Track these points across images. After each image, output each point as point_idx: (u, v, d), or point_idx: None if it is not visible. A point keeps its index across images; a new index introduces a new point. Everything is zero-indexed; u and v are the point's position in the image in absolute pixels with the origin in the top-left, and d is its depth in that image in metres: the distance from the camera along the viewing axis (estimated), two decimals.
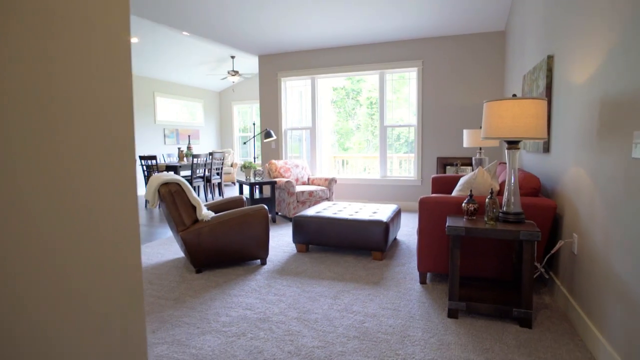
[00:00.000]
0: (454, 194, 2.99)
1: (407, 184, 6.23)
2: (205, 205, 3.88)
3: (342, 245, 3.73)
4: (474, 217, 2.52)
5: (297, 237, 3.91)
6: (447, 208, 2.78)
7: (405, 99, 6.52)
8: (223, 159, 8.02)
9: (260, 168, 5.70)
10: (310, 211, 4.04)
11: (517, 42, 4.47)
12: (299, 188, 5.55)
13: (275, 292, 2.90)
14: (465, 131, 4.78)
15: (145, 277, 3.30)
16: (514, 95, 2.29)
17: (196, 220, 3.36)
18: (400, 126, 6.41)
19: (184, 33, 6.30)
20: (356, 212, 4.04)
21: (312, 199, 5.50)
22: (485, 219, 2.40)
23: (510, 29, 4.99)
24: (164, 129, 9.45)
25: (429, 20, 5.17)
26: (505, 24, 5.32)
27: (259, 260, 3.65)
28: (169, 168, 6.97)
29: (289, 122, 7.10)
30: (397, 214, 4.12)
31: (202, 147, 10.87)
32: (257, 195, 5.58)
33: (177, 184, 3.24)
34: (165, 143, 9.49)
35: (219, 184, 8.07)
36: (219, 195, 8.19)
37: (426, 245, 2.90)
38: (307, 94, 6.88)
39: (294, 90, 7.01)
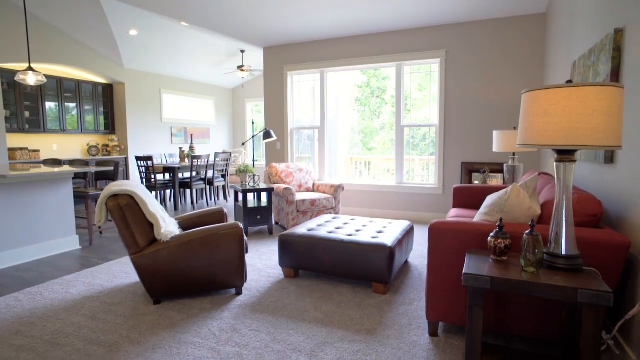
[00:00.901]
0: (478, 218, 2.23)
1: (426, 193, 5.44)
2: (177, 219, 3.27)
3: (337, 272, 3.02)
4: (505, 258, 1.77)
5: (284, 259, 3.23)
6: (467, 238, 2.03)
7: (433, 96, 5.73)
8: (228, 160, 7.46)
9: (254, 173, 5.07)
10: (301, 228, 3.35)
11: (564, 23, 3.62)
12: (300, 196, 4.88)
13: (238, 341, 2.24)
14: (495, 133, 3.97)
15: (92, 308, 2.71)
16: (569, 81, 1.53)
17: (155, 241, 2.74)
18: (419, 126, 5.62)
19: (183, 24, 5.75)
20: (358, 230, 3.32)
21: (315, 208, 4.81)
22: (522, 262, 1.65)
23: (555, 9, 4.13)
24: (171, 128, 9.00)
25: (453, 3, 4.37)
26: (546, 4, 4.45)
27: (233, 290, 3.00)
28: (166, 170, 6.46)
29: (297, 121, 6.43)
30: (408, 233, 3.37)
31: (213, 146, 10.38)
32: (254, 203, 4.95)
33: (129, 196, 2.63)
34: (172, 142, 9.04)
35: (224, 187, 7.51)
36: (224, 199, 7.63)
37: (438, 286, 2.16)
38: (316, 89, 6.19)
39: (303, 86, 6.34)
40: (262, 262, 3.70)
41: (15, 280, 3.33)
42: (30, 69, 3.90)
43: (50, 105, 6.81)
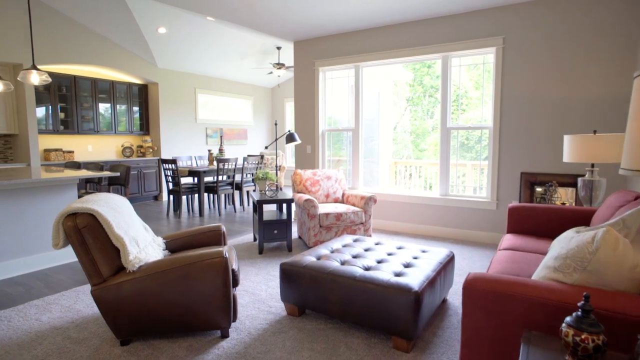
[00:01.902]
0: (543, 273, 1.47)
1: (476, 207, 4.58)
2: (165, 239, 2.79)
3: (347, 317, 2.36)
4: None
5: (286, 294, 2.63)
6: (522, 309, 1.30)
7: (487, 92, 4.86)
8: (260, 163, 7.01)
9: (274, 180, 4.52)
10: (310, 255, 2.73)
11: None
12: (324, 208, 4.25)
13: None
14: (567, 138, 3.08)
15: (50, 345, 2.28)
16: None
17: (123, 269, 2.26)
18: (468, 128, 4.75)
19: (209, 18, 5.34)
20: (381, 260, 2.63)
21: (341, 224, 4.16)
22: None
23: None
24: (206, 129, 8.76)
25: None
26: None
27: (218, 332, 2.44)
28: (191, 173, 6.12)
29: (330, 122, 5.81)
30: (445, 266, 2.63)
31: (250, 148, 10.05)
32: (277, 214, 4.41)
33: (90, 216, 2.16)
34: (206, 143, 8.80)
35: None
36: (248, 204, 7.20)
37: None
38: (350, 87, 5.52)
39: (337, 83, 5.70)
40: (269, 289, 3.12)
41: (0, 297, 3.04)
42: (34, 67, 3.63)
43: (84, 106, 6.75)
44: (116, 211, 2.33)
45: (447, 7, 4.31)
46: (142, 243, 2.39)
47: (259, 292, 3.06)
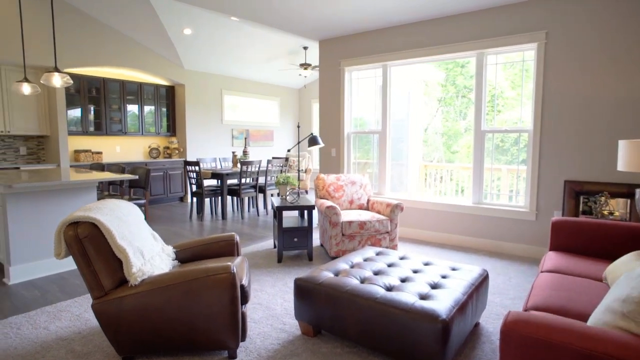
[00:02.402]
0: (601, 318, 1.19)
1: (513, 217, 4.21)
2: (175, 248, 2.65)
3: (366, 342, 2.13)
4: None
5: (300, 312, 2.42)
6: None
7: (527, 93, 4.49)
8: (283, 166, 6.86)
9: (295, 185, 4.32)
10: (328, 270, 2.51)
11: None
12: (346, 216, 4.02)
13: None
14: (622, 143, 2.71)
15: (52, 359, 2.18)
16: None
17: (126, 282, 2.12)
18: (505, 131, 4.38)
19: (233, 18, 5.25)
20: (405, 279, 2.38)
21: (364, 232, 3.92)
22: None
23: None
24: (232, 130, 8.72)
25: None
26: None
27: (225, 352, 2.26)
28: (214, 175, 6.05)
29: (356, 124, 5.57)
30: (478, 288, 2.34)
31: (276, 149, 9.95)
32: (297, 221, 4.23)
33: (92, 225, 2.04)
34: (232, 145, 8.76)
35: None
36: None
37: None
38: (377, 87, 5.26)
39: (363, 84, 5.45)
40: (285, 303, 2.93)
41: (14, 301, 3.01)
42: (56, 70, 3.62)
43: (113, 107, 6.84)
44: (121, 220, 2.20)
45: (482, 0, 3.98)
46: (148, 254, 2.26)
47: (273, 306, 2.87)
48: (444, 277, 2.43)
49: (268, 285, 3.28)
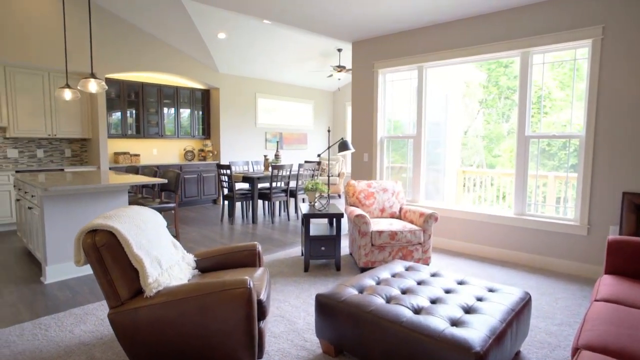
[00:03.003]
0: None
1: (560, 231, 3.86)
2: (197, 256, 2.60)
3: None
4: None
5: (322, 329, 2.28)
6: None
7: (578, 94, 4.13)
8: (315, 170, 6.76)
9: (324, 192, 4.19)
10: (351, 287, 2.35)
11: None
12: (377, 225, 3.84)
13: None
14: None
15: None
16: None
17: (141, 292, 2.07)
18: (552, 137, 4.03)
19: (265, 21, 5.22)
20: (435, 300, 2.18)
21: (395, 243, 3.72)
22: None
23: None
24: (265, 133, 8.74)
25: None
26: None
27: None
28: (246, 179, 6.04)
29: (391, 128, 5.37)
30: (519, 314, 2.10)
31: (310, 152, 9.88)
32: (325, 229, 4.11)
33: (110, 234, 2.01)
34: (265, 148, 8.78)
35: None
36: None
37: None
38: (413, 90, 5.03)
39: (397, 86, 5.24)
40: (308, 317, 2.80)
41: (47, 300, 3.08)
42: (92, 76, 3.71)
43: (150, 111, 7.02)
44: (139, 228, 2.16)
45: None
46: (166, 263, 2.20)
47: (295, 320, 2.75)
48: (479, 299, 2.21)
49: (292, 296, 3.17)
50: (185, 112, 7.57)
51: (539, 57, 4.00)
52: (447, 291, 2.32)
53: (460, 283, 2.47)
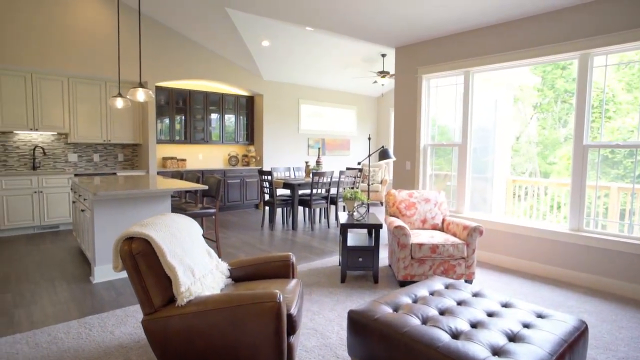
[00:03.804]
0: None
1: (624, 250, 3.49)
2: (231, 265, 2.61)
3: None
4: None
5: (353, 347, 2.19)
6: None
7: None
8: (356, 177, 6.67)
9: (363, 201, 4.08)
10: (385, 305, 2.24)
11: None
12: (416, 237, 3.68)
13: None
14: None
15: None
16: None
17: (174, 299, 2.10)
18: (616, 147, 3.67)
19: (308, 28, 5.25)
20: (476, 324, 2.02)
21: (437, 257, 3.54)
22: None
23: None
24: (308, 139, 8.77)
25: None
26: None
27: None
28: (286, 185, 6.07)
29: (435, 135, 5.17)
30: (572, 346, 1.89)
31: (352, 159, 9.79)
32: (364, 239, 4.02)
33: (145, 241, 2.05)
34: (308, 154, 8.81)
35: None
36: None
37: None
38: (458, 96, 4.81)
39: (442, 92, 5.04)
40: (341, 332, 2.72)
41: (93, 300, 3.23)
42: (140, 85, 3.88)
43: (197, 117, 7.28)
44: (174, 236, 2.19)
45: None
46: (199, 272, 2.22)
47: (329, 334, 2.68)
48: (526, 325, 2.02)
49: (327, 308, 3.10)
50: (230, 119, 7.78)
51: (600, 58, 3.67)
52: (490, 314, 2.15)
53: (505, 305, 2.28)
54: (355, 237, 4.05)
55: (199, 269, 2.23)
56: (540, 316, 2.13)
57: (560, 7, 3.74)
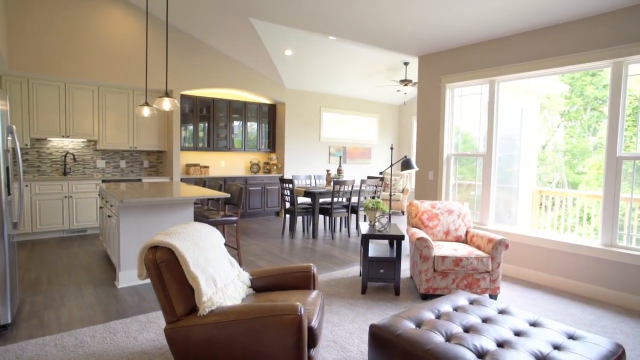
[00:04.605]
0: None
1: None
2: (253, 274, 2.61)
3: None
4: None
5: None
6: None
7: None
8: (378, 186, 6.62)
9: (385, 211, 4.03)
10: (408, 320, 2.19)
11: None
12: (439, 249, 3.60)
13: None
14: None
15: None
16: None
17: (196, 308, 2.11)
18: None
19: (330, 37, 5.28)
20: (502, 343, 1.96)
21: (461, 270, 3.46)
22: None
23: None
24: (329, 147, 8.77)
25: None
26: None
27: None
28: (307, 194, 6.07)
29: (458, 145, 5.08)
30: None
31: (373, 167, 9.73)
32: (385, 250, 3.98)
33: (169, 250, 2.08)
34: (329, 162, 8.80)
35: None
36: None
37: None
38: (483, 105, 4.72)
39: (466, 102, 4.96)
40: (362, 345, 2.68)
41: (118, 304, 3.30)
42: (166, 95, 3.98)
43: (220, 125, 7.40)
44: (198, 246, 2.22)
45: None
46: (221, 282, 2.23)
47: (349, 347, 2.64)
48: (557, 347, 1.93)
49: (347, 320, 3.06)
50: (252, 126, 7.87)
51: (636, 66, 3.54)
52: (517, 333, 2.07)
53: (534, 324, 2.20)
54: (377, 248, 4.00)
55: (221, 279, 2.25)
56: (572, 337, 2.04)
57: (593, 13, 3.63)
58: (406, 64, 7.60)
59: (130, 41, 6.04)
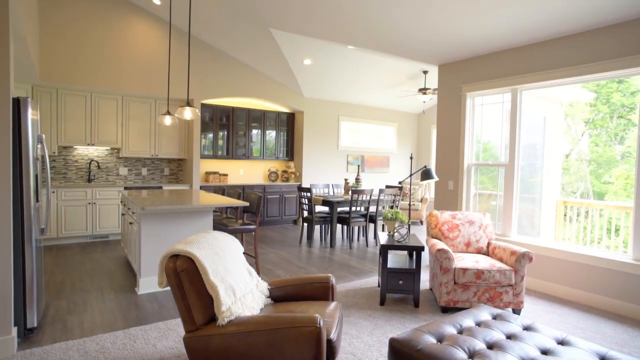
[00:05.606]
0: None
1: None
2: (271, 284, 2.61)
3: None
4: None
5: None
6: None
7: None
8: (396, 196, 6.55)
9: (404, 222, 3.97)
10: (429, 335, 2.14)
11: None
12: (460, 261, 3.53)
13: None
14: None
15: None
16: None
17: (215, 318, 2.12)
18: None
19: (350, 47, 5.30)
20: None
21: (482, 283, 3.37)
22: None
23: None
24: (347, 156, 8.76)
25: None
26: None
27: None
28: (325, 203, 6.06)
29: (479, 154, 5.00)
30: None
31: (391, 176, 9.66)
32: (404, 261, 3.92)
33: (189, 259, 2.09)
34: (347, 170, 8.78)
35: None
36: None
37: None
38: (505, 114, 4.64)
39: (487, 111, 4.88)
40: (380, 358, 2.63)
41: (138, 311, 3.34)
42: (187, 104, 4.05)
43: (239, 134, 7.49)
44: (217, 255, 2.23)
45: None
46: (240, 292, 2.23)
47: None
48: None
49: (365, 332, 3.02)
50: (270, 135, 7.93)
51: None
52: (544, 352, 2.00)
53: (562, 343, 2.11)
54: (395, 259, 3.95)
55: (239, 288, 2.25)
56: (603, 358, 1.95)
57: (622, 20, 3.53)
58: (425, 72, 7.55)
59: (154, 52, 6.20)
